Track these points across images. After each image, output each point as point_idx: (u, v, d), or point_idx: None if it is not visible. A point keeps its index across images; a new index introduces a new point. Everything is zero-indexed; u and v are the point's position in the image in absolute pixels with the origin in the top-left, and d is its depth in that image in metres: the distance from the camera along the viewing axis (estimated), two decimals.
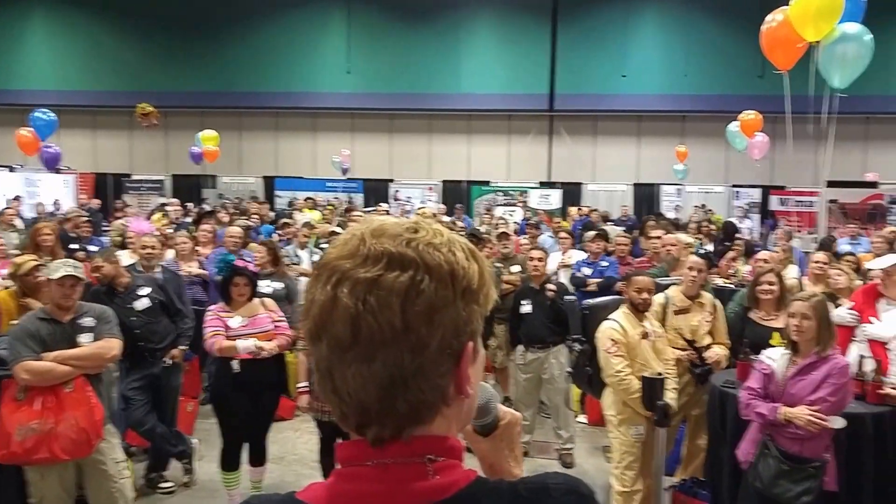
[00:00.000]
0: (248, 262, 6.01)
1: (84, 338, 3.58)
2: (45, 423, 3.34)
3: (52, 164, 13.25)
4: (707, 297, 4.63)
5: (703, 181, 17.32)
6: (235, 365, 4.13)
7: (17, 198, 13.20)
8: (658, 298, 4.49)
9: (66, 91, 19.12)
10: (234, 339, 4.18)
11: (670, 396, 3.85)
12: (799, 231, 11.85)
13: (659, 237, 6.33)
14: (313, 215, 11.73)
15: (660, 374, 3.43)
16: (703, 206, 15.93)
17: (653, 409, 3.13)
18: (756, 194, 16.62)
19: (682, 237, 6.46)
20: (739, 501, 3.55)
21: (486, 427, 0.96)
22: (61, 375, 3.42)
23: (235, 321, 4.24)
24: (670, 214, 15.26)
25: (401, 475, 0.74)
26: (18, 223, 10.22)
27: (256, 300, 4.42)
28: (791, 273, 6.40)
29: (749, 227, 14.01)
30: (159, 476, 4.79)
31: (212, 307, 4.40)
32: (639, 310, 4.11)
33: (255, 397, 4.25)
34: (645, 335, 4.08)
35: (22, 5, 19.58)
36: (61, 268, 3.58)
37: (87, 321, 3.63)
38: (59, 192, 14.76)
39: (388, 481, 0.74)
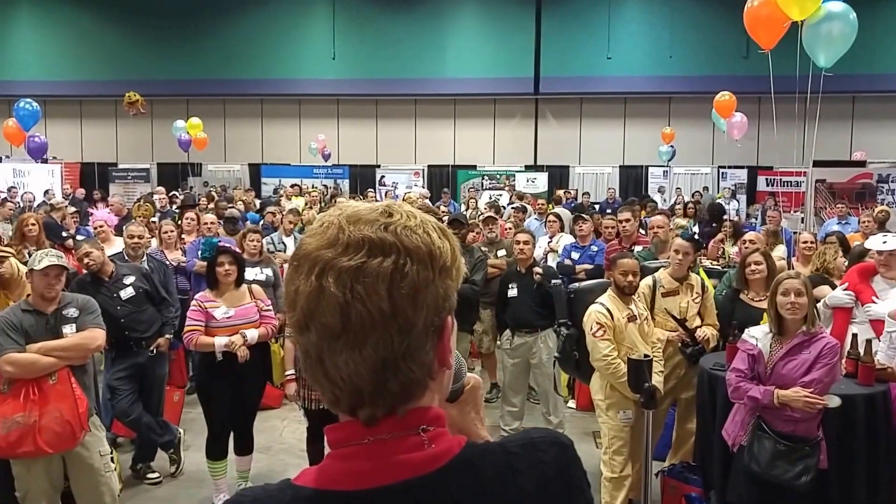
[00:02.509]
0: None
1: (68, 328, 3.55)
2: (30, 415, 3.30)
3: (38, 154, 13.11)
4: (695, 278, 4.63)
5: (690, 162, 17.34)
6: (219, 354, 4.09)
7: (11, 189, 13.04)
8: (646, 281, 4.48)
9: (51, 81, 18.87)
10: (218, 331, 4.13)
11: (656, 379, 3.84)
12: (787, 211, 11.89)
13: (628, 220, 6.29)
14: (299, 202, 11.64)
15: (646, 355, 3.42)
16: (707, 188, 16.02)
17: (639, 392, 3.12)
18: (743, 175, 16.66)
19: (678, 220, 6.43)
20: (730, 485, 3.55)
21: (455, 393, 0.98)
22: (46, 367, 3.39)
23: (220, 311, 4.17)
24: (656, 197, 15.32)
25: (398, 448, 0.76)
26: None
27: (244, 287, 4.36)
28: (778, 253, 6.42)
29: (735, 208, 14.05)
30: (146, 466, 4.78)
31: (197, 296, 4.33)
32: (625, 293, 4.10)
33: (238, 385, 4.22)
34: (632, 318, 4.06)
35: None
36: (45, 258, 3.53)
37: (71, 312, 3.59)
38: (46, 182, 14.61)
39: (386, 456, 0.76)
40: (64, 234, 7.20)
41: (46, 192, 13.60)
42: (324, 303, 0.74)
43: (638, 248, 5.86)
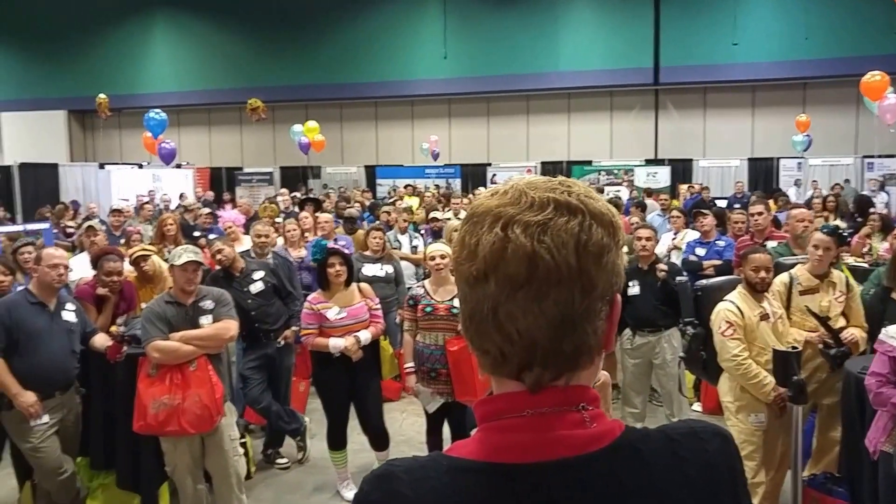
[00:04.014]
0: (344, 247, 6.26)
1: (204, 319, 3.82)
2: (174, 398, 3.60)
3: (168, 159, 14.22)
4: (838, 275, 4.24)
5: (829, 152, 16.03)
6: (334, 352, 4.20)
7: (150, 192, 14.27)
8: (781, 278, 4.17)
9: (182, 92, 20.38)
10: (332, 331, 4.24)
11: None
12: None
13: (761, 213, 5.87)
14: (413, 202, 11.89)
15: (794, 346, 3.16)
16: (848, 180, 14.73)
17: (787, 386, 2.88)
18: (893, 165, 15.16)
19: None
20: (882, 497, 3.23)
21: None
22: (186, 354, 3.68)
23: (333, 312, 4.26)
24: (791, 191, 14.26)
25: (559, 423, 0.75)
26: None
27: (354, 286, 4.45)
28: None
29: (884, 200, 12.78)
30: (276, 452, 5.01)
31: (309, 298, 4.44)
32: (757, 290, 3.83)
33: (353, 379, 4.32)
34: (764, 316, 3.79)
35: (144, 15, 21.03)
36: (184, 254, 3.81)
37: (207, 304, 3.86)
38: (180, 186, 15.83)
39: (546, 430, 0.75)
40: (196, 233, 7.71)
41: (181, 195, 14.69)
42: (510, 253, 0.74)
43: (772, 244, 5.47)
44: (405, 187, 14.96)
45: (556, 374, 0.76)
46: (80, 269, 5.24)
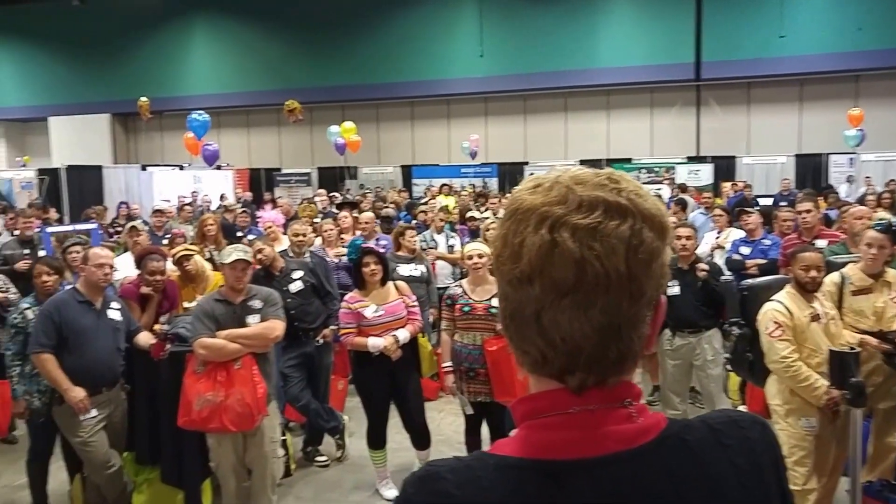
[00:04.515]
0: (384, 246, 6.25)
1: (252, 318, 3.83)
2: (217, 395, 3.62)
3: (211, 160, 14.47)
4: (894, 274, 4.07)
5: (883, 147, 15.44)
6: (373, 350, 4.19)
7: (193, 193, 14.55)
8: (832, 278, 4.02)
9: (222, 94, 20.75)
10: (371, 329, 4.23)
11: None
12: None
13: (809, 211, 5.68)
14: (449, 200, 11.87)
15: (852, 347, 3.03)
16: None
17: (844, 388, 2.76)
18: None
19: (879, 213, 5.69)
20: None
21: None
22: (232, 352, 3.70)
23: (370, 310, 4.25)
24: (842, 188, 13.79)
25: (607, 419, 0.74)
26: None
27: (390, 283, 4.44)
28: None
29: None
30: (315, 450, 5.05)
31: (346, 297, 4.43)
32: (806, 289, 3.70)
33: (393, 378, 4.31)
34: (815, 317, 3.65)
35: (184, 20, 21.49)
36: (233, 253, 3.85)
37: (256, 303, 3.88)
38: (220, 187, 16.10)
39: (595, 426, 0.74)
40: (239, 233, 7.83)
41: (222, 196, 14.92)
42: (557, 257, 0.71)
43: (821, 243, 5.28)
44: (441, 186, 14.94)
45: (600, 379, 0.75)
46: (125, 268, 5.36)
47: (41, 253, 6.49)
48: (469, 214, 8.13)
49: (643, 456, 0.74)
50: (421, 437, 4.46)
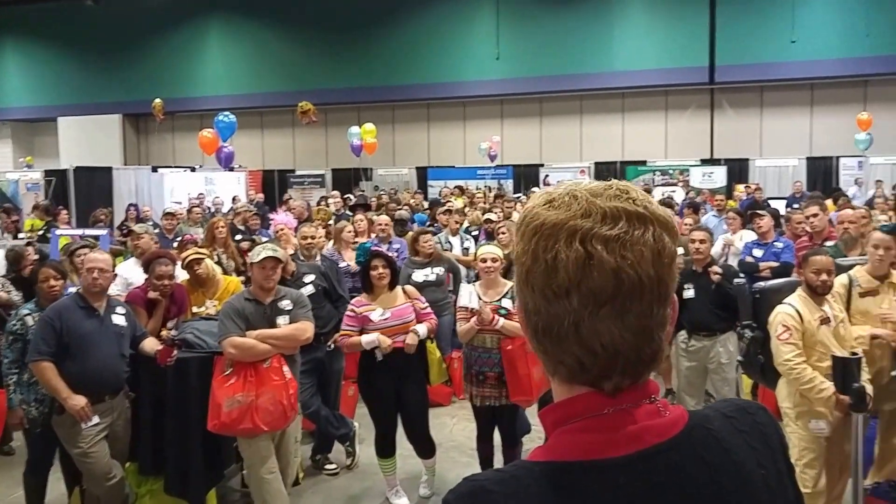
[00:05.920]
0: (398, 250, 6.21)
1: (282, 319, 3.80)
2: (248, 395, 3.56)
3: (227, 163, 14.44)
4: None
5: (892, 151, 15.38)
6: (379, 354, 4.09)
7: (200, 195, 14.57)
8: (840, 279, 4.04)
9: (237, 95, 20.80)
10: (377, 333, 4.12)
11: (865, 378, 3.43)
12: None
13: (815, 214, 5.70)
14: (458, 203, 11.89)
15: (854, 353, 3.06)
16: None
17: (847, 393, 2.79)
18: None
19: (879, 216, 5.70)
20: None
21: None
22: (261, 353, 3.65)
23: (376, 314, 4.15)
24: (851, 190, 13.72)
25: (639, 416, 0.78)
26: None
27: (398, 288, 4.34)
28: None
29: None
30: (324, 458, 4.92)
31: (352, 302, 4.35)
32: (817, 293, 3.72)
33: (400, 385, 4.21)
34: (825, 320, 3.68)
35: (198, 20, 21.60)
36: (262, 251, 3.80)
37: (285, 304, 3.84)
38: (233, 189, 16.05)
39: (631, 424, 0.77)
40: (238, 237, 7.51)
41: (234, 198, 14.91)
42: (595, 269, 0.74)
43: (830, 244, 5.31)
44: (455, 188, 14.97)
45: (635, 380, 0.79)
46: (130, 273, 5.21)
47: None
48: (486, 216, 8.17)
49: (678, 446, 0.78)
50: (423, 447, 4.36)
